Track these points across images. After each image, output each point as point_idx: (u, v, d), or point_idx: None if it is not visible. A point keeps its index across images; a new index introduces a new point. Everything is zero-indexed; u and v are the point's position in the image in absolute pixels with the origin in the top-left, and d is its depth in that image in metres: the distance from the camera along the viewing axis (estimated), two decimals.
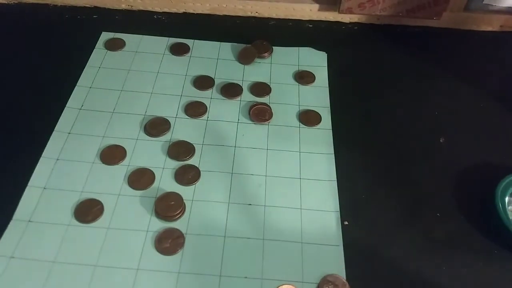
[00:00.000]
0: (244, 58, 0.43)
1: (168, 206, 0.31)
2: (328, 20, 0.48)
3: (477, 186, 0.35)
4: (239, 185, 0.34)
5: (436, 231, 0.33)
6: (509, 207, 0.33)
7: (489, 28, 0.49)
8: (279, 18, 0.48)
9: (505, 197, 0.33)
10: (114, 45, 0.43)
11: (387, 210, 0.34)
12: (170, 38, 0.44)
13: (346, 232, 0.32)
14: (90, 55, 0.42)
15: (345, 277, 0.29)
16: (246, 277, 0.29)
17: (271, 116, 0.38)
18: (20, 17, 0.45)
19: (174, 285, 0.28)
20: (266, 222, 0.32)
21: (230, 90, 0.40)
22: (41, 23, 0.45)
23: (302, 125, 0.38)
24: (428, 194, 0.35)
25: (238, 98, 0.40)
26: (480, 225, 0.33)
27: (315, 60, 0.44)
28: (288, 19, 0.48)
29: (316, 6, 0.47)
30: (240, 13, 0.48)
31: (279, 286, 0.29)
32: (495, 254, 0.32)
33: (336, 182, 0.34)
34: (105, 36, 0.44)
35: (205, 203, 0.33)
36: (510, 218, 0.32)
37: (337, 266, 0.30)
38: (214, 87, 0.40)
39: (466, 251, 0.32)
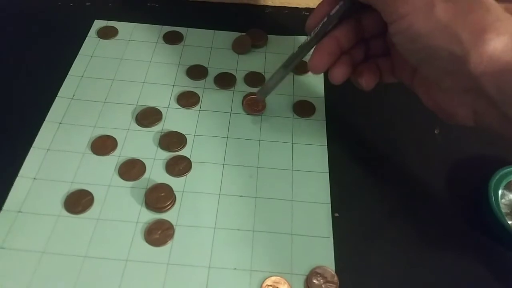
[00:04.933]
0: (239, 47, 0.42)
1: (159, 197, 0.31)
2: None
3: (471, 178, 0.35)
4: (230, 176, 0.34)
5: (428, 223, 0.32)
6: (502, 200, 0.33)
7: None
8: (275, 6, 0.47)
9: (499, 190, 0.33)
10: (107, 33, 0.42)
11: (379, 202, 0.33)
12: (163, 26, 0.44)
13: (336, 224, 0.32)
14: (82, 43, 0.41)
15: (334, 269, 0.29)
16: (235, 269, 0.29)
17: (265, 107, 0.38)
18: (11, 4, 0.45)
19: (163, 276, 0.29)
20: (256, 214, 0.32)
21: (224, 80, 0.40)
22: (33, 10, 0.44)
23: (295, 116, 0.38)
24: (421, 186, 0.34)
25: (232, 88, 0.39)
26: (472, 218, 0.33)
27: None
28: (284, 6, 0.47)
29: None
30: (235, 0, 0.47)
31: (267, 278, 0.29)
32: (487, 247, 0.32)
33: (328, 174, 0.34)
34: (97, 24, 0.43)
35: (196, 195, 0.32)
36: (503, 211, 0.32)
37: (326, 258, 0.30)
38: (208, 77, 0.40)
39: (458, 244, 0.32)
